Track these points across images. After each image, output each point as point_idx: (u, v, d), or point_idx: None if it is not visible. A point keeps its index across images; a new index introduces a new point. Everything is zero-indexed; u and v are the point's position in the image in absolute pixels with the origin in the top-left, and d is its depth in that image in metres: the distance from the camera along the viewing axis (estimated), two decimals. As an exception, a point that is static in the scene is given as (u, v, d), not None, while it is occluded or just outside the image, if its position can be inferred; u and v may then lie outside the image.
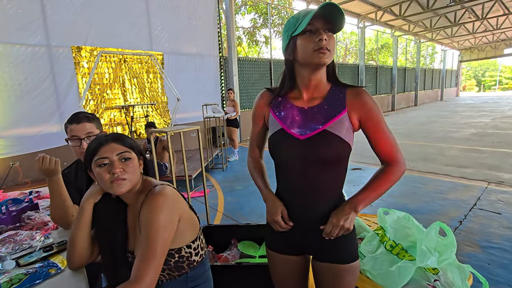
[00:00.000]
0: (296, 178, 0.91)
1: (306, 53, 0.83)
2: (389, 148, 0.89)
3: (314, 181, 0.89)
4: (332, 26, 0.82)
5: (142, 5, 5.98)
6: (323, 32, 0.80)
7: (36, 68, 4.78)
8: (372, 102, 0.88)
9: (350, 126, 0.88)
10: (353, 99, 0.88)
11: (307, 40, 0.82)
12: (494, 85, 46.76)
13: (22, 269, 0.98)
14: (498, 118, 10.43)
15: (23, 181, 4.70)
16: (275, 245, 1.03)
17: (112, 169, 0.90)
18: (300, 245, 0.99)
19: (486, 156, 5.18)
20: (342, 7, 8.45)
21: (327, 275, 0.95)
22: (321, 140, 0.86)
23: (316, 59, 0.82)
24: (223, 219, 3.13)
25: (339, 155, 0.87)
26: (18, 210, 1.35)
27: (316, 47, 0.80)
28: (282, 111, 0.94)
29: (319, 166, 0.87)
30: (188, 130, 2.27)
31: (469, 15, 13.37)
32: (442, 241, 1.38)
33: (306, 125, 0.88)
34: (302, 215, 0.93)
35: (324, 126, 0.86)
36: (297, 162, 0.89)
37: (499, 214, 2.87)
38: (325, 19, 0.81)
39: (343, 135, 0.86)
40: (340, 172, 0.92)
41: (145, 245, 0.86)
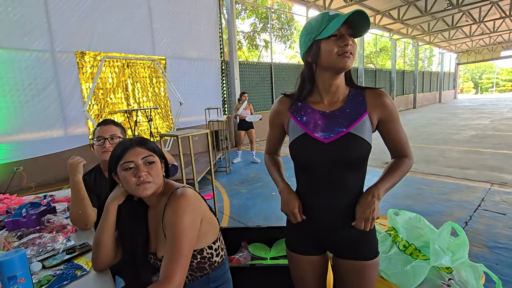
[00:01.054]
0: (321, 181, 0.93)
1: (331, 57, 0.84)
2: (404, 145, 0.97)
3: (339, 182, 0.92)
4: (354, 32, 0.85)
5: (144, 10, 6.05)
6: (349, 38, 0.83)
7: (41, 74, 4.81)
8: (391, 103, 0.92)
9: (370, 126, 0.92)
10: (373, 100, 0.92)
11: (332, 44, 0.83)
12: (491, 87, 47.14)
13: (50, 271, 1.00)
14: (497, 120, 10.51)
15: (27, 185, 4.71)
16: (296, 246, 1.05)
17: (137, 173, 0.93)
18: (321, 244, 1.01)
19: (487, 157, 5.22)
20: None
21: (350, 271, 0.97)
22: (346, 142, 0.88)
23: (341, 63, 0.84)
24: (230, 222, 3.15)
25: (362, 155, 0.90)
26: (37, 213, 1.37)
27: (341, 51, 0.83)
28: (303, 116, 0.95)
29: (343, 168, 0.90)
30: (197, 133, 2.30)
31: (466, 18, 13.54)
32: (454, 241, 1.41)
33: (330, 128, 0.90)
34: (325, 215, 0.95)
35: (348, 129, 0.89)
36: (322, 165, 0.91)
37: (504, 214, 2.90)
38: (348, 24, 0.83)
39: (366, 136, 0.89)
40: (362, 171, 0.95)
41: (172, 246, 0.88)
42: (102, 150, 1.35)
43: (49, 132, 4.99)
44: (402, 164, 0.96)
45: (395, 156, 0.99)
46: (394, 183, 0.94)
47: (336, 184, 0.92)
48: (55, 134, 5.05)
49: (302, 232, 1.02)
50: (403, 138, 0.96)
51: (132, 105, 5.94)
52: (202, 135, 7.00)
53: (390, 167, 0.97)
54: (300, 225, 1.02)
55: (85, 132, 5.39)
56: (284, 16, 14.59)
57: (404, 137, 0.96)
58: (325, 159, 0.90)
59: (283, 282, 1.59)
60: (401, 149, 0.97)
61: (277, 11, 14.19)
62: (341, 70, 0.87)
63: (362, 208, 0.90)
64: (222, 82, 7.93)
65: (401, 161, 0.97)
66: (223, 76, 7.96)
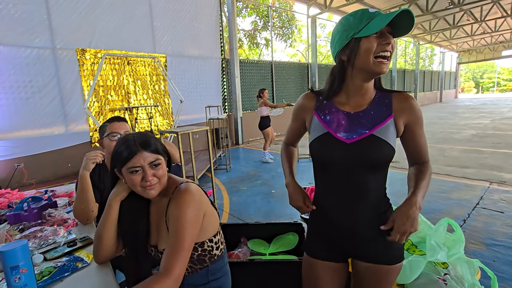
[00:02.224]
0: (341, 182, 0.91)
1: (369, 58, 0.81)
2: (426, 150, 0.95)
3: (359, 184, 0.89)
4: (393, 31, 0.81)
5: (145, 8, 6.05)
6: (389, 36, 0.80)
7: (41, 71, 4.83)
8: (418, 107, 0.90)
9: (394, 131, 0.89)
10: (400, 104, 0.89)
11: (373, 42, 0.79)
12: (493, 87, 47.05)
13: (51, 263, 1.01)
14: (497, 119, 10.50)
15: (28, 182, 4.73)
16: (314, 250, 1.01)
17: (145, 177, 0.94)
18: (341, 249, 0.98)
19: (487, 156, 5.23)
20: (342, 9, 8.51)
21: (372, 275, 0.95)
22: (368, 144, 0.87)
23: (378, 68, 0.81)
24: (230, 219, 3.17)
25: (384, 159, 0.88)
26: (38, 207, 1.39)
27: (380, 50, 0.79)
28: (327, 115, 0.94)
29: (364, 170, 0.88)
30: (197, 130, 2.31)
31: (467, 17, 13.50)
32: (450, 237, 1.43)
33: (353, 129, 0.89)
34: (344, 217, 0.93)
35: (371, 131, 0.87)
36: (343, 165, 0.89)
37: (502, 213, 2.91)
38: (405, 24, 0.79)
39: (389, 140, 0.87)
40: (383, 175, 0.93)
41: (174, 239, 0.89)
42: None
43: (50, 129, 5.01)
44: (427, 169, 0.93)
45: (414, 162, 0.96)
46: (426, 190, 0.91)
47: (355, 185, 0.90)
48: (55, 131, 5.07)
49: (322, 235, 1.00)
50: (425, 144, 0.95)
51: (132, 103, 5.96)
52: (202, 133, 7.01)
53: (421, 174, 0.92)
54: (320, 227, 1.00)
55: (86, 129, 5.41)
56: (285, 15, 14.57)
57: (426, 143, 0.95)
58: (346, 159, 0.88)
59: (281, 277, 1.62)
60: (423, 154, 0.95)
61: (278, 9, 14.17)
62: (377, 74, 0.85)
63: (402, 220, 0.83)
64: (222, 80, 7.94)
65: (425, 167, 0.93)
66: (224, 74, 7.96)
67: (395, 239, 0.85)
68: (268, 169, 5.18)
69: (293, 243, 1.88)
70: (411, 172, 0.95)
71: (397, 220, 0.84)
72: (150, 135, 1.04)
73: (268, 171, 5.04)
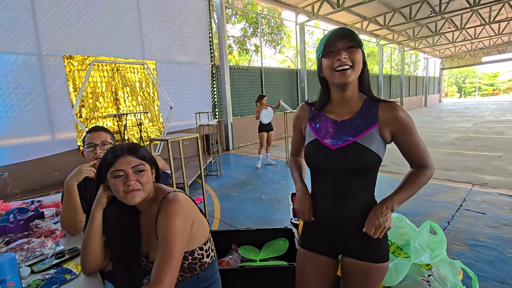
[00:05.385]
0: (329, 185, 0.98)
1: (330, 72, 0.92)
2: (422, 155, 0.97)
3: (345, 188, 0.95)
4: (353, 43, 0.89)
5: (134, 14, 6.04)
6: (343, 51, 0.88)
7: (27, 77, 4.74)
8: (405, 116, 0.93)
9: (381, 139, 0.93)
10: (385, 114, 0.93)
11: (327, 60, 0.91)
12: (474, 91, 48.82)
13: (39, 275, 1.00)
14: (479, 123, 10.89)
15: (12, 192, 4.59)
16: (308, 243, 1.09)
17: (127, 181, 0.95)
18: (334, 247, 1.04)
19: (470, 159, 5.42)
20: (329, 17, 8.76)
21: (356, 271, 0.99)
22: (351, 151, 0.92)
23: (338, 79, 0.90)
24: (220, 225, 3.16)
25: (368, 165, 0.92)
26: (25, 219, 1.37)
27: (335, 65, 0.89)
28: (317, 123, 1.03)
29: (349, 174, 0.94)
30: (187, 137, 2.32)
31: (449, 25, 14.06)
32: (433, 239, 1.48)
33: (338, 136, 0.95)
34: (333, 218, 1.00)
35: (355, 138, 0.93)
36: (329, 170, 0.96)
37: (484, 214, 3.02)
38: (346, 38, 0.89)
39: (374, 148, 0.91)
40: (370, 180, 0.97)
41: (163, 249, 0.91)
42: (93, 156, 1.36)
43: (36, 137, 4.89)
44: (420, 175, 0.96)
45: (414, 166, 1.00)
46: (410, 195, 0.96)
47: (342, 188, 0.96)
48: (41, 139, 4.95)
49: (315, 230, 1.07)
50: (421, 149, 0.96)
51: (122, 109, 5.89)
52: (192, 139, 6.99)
53: (408, 178, 0.98)
54: (313, 223, 1.07)
55: (73, 137, 5.31)
56: (274, 21, 14.78)
57: (422, 147, 0.96)
58: (332, 164, 0.95)
59: (272, 283, 1.63)
60: (419, 160, 0.97)
61: (267, 16, 14.37)
62: (340, 85, 0.92)
63: (374, 216, 0.93)
64: (212, 86, 7.96)
65: (419, 172, 0.97)
66: (214, 80, 7.99)
67: (369, 232, 0.92)
68: (259, 175, 5.20)
69: (284, 248, 1.90)
70: (407, 173, 1.01)
71: (371, 216, 0.94)
72: (139, 145, 1.06)
73: (259, 177, 5.06)
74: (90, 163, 1.37)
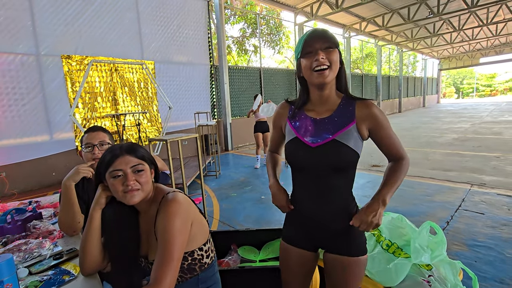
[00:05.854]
0: (309, 181, 1.01)
1: (308, 72, 0.94)
2: (397, 149, 1.02)
3: (325, 184, 0.98)
4: (330, 43, 0.92)
5: (133, 14, 6.02)
6: (320, 52, 0.90)
7: (25, 77, 4.71)
8: (380, 113, 0.97)
9: (358, 136, 0.96)
10: (362, 111, 0.96)
11: (306, 60, 0.93)
12: (472, 92, 49.08)
13: (36, 277, 0.99)
14: (477, 123, 10.94)
15: (9, 192, 4.56)
16: (290, 237, 1.12)
17: (126, 181, 0.95)
18: (312, 239, 1.07)
19: (468, 159, 5.44)
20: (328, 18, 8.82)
21: (337, 266, 1.03)
22: (331, 148, 0.95)
23: (316, 79, 0.93)
24: (220, 226, 3.15)
25: (347, 162, 0.95)
26: (22, 219, 1.35)
27: (313, 65, 0.91)
28: (297, 121, 1.04)
29: (329, 171, 0.96)
30: (186, 138, 2.31)
31: (446, 26, 14.11)
32: (433, 239, 1.48)
33: (318, 134, 0.98)
34: (314, 214, 1.03)
35: (334, 136, 0.95)
36: (309, 167, 0.99)
37: (483, 214, 3.03)
38: (323, 39, 0.91)
39: (352, 145, 0.94)
40: (349, 176, 1.00)
41: (163, 249, 0.90)
42: (91, 156, 1.35)
43: (33, 137, 4.86)
44: (400, 166, 1.00)
45: (392, 159, 1.04)
46: (397, 186, 0.98)
47: (322, 185, 0.99)
48: (39, 139, 4.93)
49: (296, 226, 1.09)
50: (396, 142, 1.01)
51: (120, 110, 5.87)
52: (191, 140, 6.98)
53: (391, 171, 1.01)
54: (295, 219, 1.10)
55: (71, 137, 5.28)
56: (272, 22, 14.79)
57: (397, 141, 1.01)
58: (313, 162, 0.97)
59: (272, 283, 1.62)
60: (395, 153, 1.02)
61: (265, 16, 14.37)
62: (318, 84, 0.95)
63: (366, 211, 0.93)
64: (211, 86, 7.95)
65: (399, 164, 1.01)
66: (213, 81, 7.98)
67: (356, 225, 0.94)
68: (258, 175, 5.19)
69: (283, 249, 1.89)
70: (387, 168, 1.05)
71: (362, 210, 0.95)
72: (138, 145, 1.05)
73: (258, 177, 5.05)
74: (88, 163, 1.36)
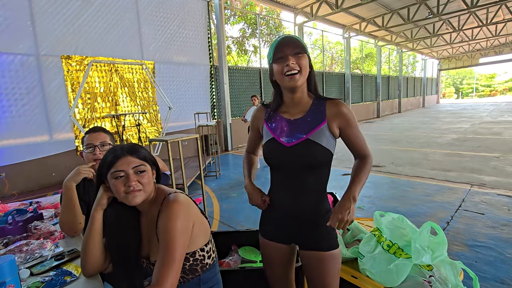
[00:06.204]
0: (286, 179, 1.06)
1: (280, 76, 0.99)
2: (363, 146, 1.08)
3: (300, 181, 1.04)
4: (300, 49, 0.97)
5: (132, 15, 6.02)
6: (291, 57, 0.95)
7: (24, 77, 4.71)
8: (348, 112, 1.03)
9: (330, 134, 1.02)
10: (331, 110, 1.02)
11: (277, 65, 0.98)
12: (471, 92, 49.12)
13: (38, 278, 0.99)
14: (476, 124, 10.95)
15: (9, 193, 4.55)
16: (267, 233, 1.17)
17: (127, 182, 0.95)
18: (288, 235, 1.12)
19: (468, 160, 5.44)
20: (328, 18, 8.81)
21: (312, 261, 1.08)
22: (305, 147, 1.00)
23: (288, 83, 0.98)
24: (220, 226, 3.15)
25: (321, 160, 1.01)
26: (23, 220, 1.35)
27: (285, 70, 0.96)
28: (273, 123, 1.09)
29: (304, 169, 1.02)
30: (187, 138, 2.31)
31: (446, 26, 14.13)
32: (434, 240, 1.48)
33: (292, 134, 1.03)
34: (290, 210, 1.08)
35: (307, 136, 1.01)
36: (286, 166, 1.04)
37: (483, 214, 3.03)
38: (293, 45, 0.96)
39: (324, 143, 1.00)
40: (322, 174, 1.06)
41: (164, 250, 0.90)
42: (92, 157, 1.35)
43: (33, 137, 4.86)
44: (365, 164, 1.07)
45: (357, 156, 1.10)
46: (364, 183, 1.05)
47: (298, 182, 1.04)
48: (39, 139, 4.92)
49: (273, 222, 1.14)
50: (362, 141, 1.07)
51: (120, 110, 5.87)
52: (191, 140, 6.97)
53: (358, 170, 1.07)
54: (270, 215, 1.15)
55: (71, 137, 5.28)
56: (272, 22, 14.80)
57: (363, 139, 1.08)
58: (288, 161, 1.03)
59: (273, 284, 1.62)
60: (361, 150, 1.08)
61: (265, 17, 14.38)
62: (290, 88, 1.00)
63: (339, 210, 0.98)
64: (211, 86, 7.95)
65: (363, 162, 1.07)
66: (212, 81, 7.98)
67: (334, 225, 0.98)
68: (258, 176, 5.19)
69: (284, 249, 1.89)
70: (353, 166, 1.10)
71: (336, 209, 0.99)
72: (140, 145, 1.05)
73: (258, 178, 5.05)
74: (89, 164, 1.36)
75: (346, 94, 14.11)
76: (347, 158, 6.01)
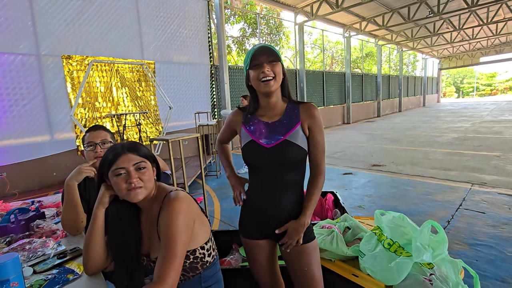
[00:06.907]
0: (266, 179, 1.12)
1: (256, 82, 1.06)
2: (320, 159, 1.13)
3: (280, 180, 1.10)
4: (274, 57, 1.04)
5: (133, 14, 6.02)
6: (266, 65, 1.02)
7: (25, 77, 4.72)
8: (318, 114, 1.11)
9: (304, 135, 1.10)
10: (304, 112, 1.11)
11: (254, 72, 1.05)
12: (472, 92, 49.05)
13: (41, 276, 1.00)
14: (477, 123, 10.94)
15: (10, 192, 4.56)
16: (247, 232, 1.22)
17: (129, 179, 0.95)
18: (266, 231, 1.18)
19: (468, 159, 5.44)
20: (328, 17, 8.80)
21: (295, 255, 1.15)
22: (283, 147, 1.07)
23: (263, 88, 1.05)
24: (221, 225, 3.16)
25: (298, 158, 1.08)
26: (25, 219, 1.36)
27: (261, 76, 1.03)
28: (252, 126, 1.16)
29: (283, 168, 1.09)
30: (187, 138, 2.31)
31: (447, 25, 14.11)
32: (434, 238, 1.48)
33: (271, 136, 1.10)
34: (269, 207, 1.13)
35: (285, 137, 1.08)
36: (265, 166, 1.10)
37: (483, 213, 3.04)
38: (267, 53, 1.03)
39: (300, 143, 1.08)
40: (300, 172, 1.13)
41: (166, 247, 0.90)
42: (93, 155, 1.36)
43: (34, 137, 4.87)
44: (317, 184, 1.13)
45: (312, 169, 1.16)
46: (316, 203, 1.14)
47: (277, 181, 1.10)
48: (40, 139, 4.93)
49: (250, 219, 1.20)
50: (321, 151, 1.13)
51: (120, 110, 5.88)
52: (192, 139, 6.98)
53: (312, 190, 1.13)
54: (248, 213, 1.21)
55: (72, 137, 5.29)
56: (272, 22, 14.79)
57: (323, 149, 1.13)
58: (268, 161, 1.09)
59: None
60: (317, 161, 1.13)
61: (265, 16, 14.37)
62: (265, 93, 1.07)
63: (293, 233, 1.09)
64: (211, 86, 7.96)
65: (316, 181, 1.13)
66: (213, 81, 7.98)
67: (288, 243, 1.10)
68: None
69: (285, 248, 1.90)
70: (308, 184, 1.17)
71: (289, 231, 1.10)
72: (140, 143, 1.06)
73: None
74: (90, 162, 1.36)
75: (346, 94, 14.10)
76: (347, 158, 6.02)
